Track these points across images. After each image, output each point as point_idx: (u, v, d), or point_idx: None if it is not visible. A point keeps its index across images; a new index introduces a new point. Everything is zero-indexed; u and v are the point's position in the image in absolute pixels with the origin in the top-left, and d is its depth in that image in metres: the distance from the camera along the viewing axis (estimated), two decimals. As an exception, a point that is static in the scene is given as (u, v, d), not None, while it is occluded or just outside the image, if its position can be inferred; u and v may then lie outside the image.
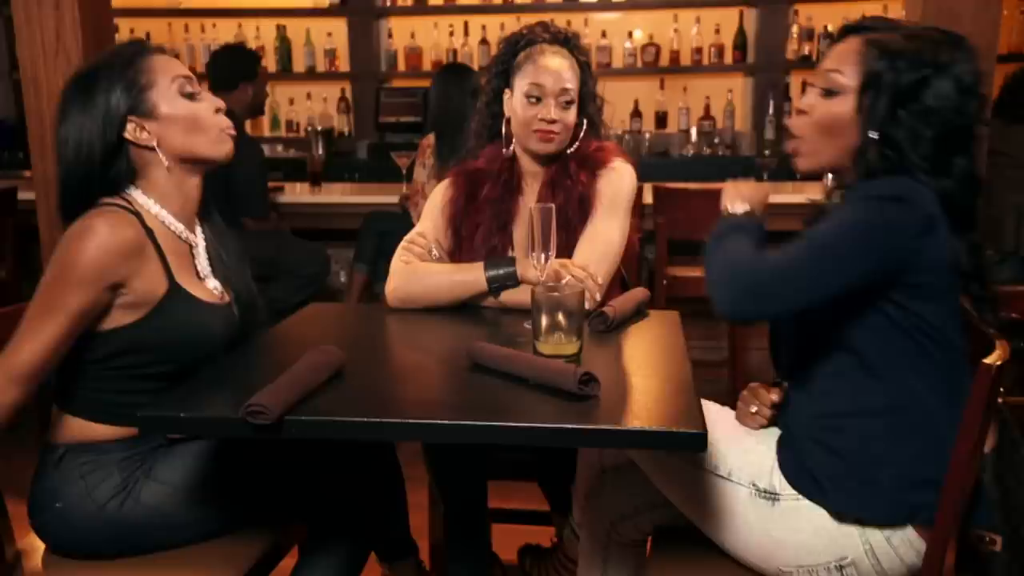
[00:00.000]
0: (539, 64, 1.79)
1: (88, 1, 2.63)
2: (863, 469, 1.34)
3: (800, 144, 1.43)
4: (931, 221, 1.29)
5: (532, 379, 1.31)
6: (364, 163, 5.11)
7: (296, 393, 1.21)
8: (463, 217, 1.87)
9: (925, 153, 1.32)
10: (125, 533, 1.44)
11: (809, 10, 5.15)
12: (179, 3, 5.43)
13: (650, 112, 5.35)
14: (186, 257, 1.52)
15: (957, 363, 1.34)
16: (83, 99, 1.44)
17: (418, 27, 5.38)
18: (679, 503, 1.46)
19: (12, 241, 3.21)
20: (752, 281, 1.28)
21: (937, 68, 1.31)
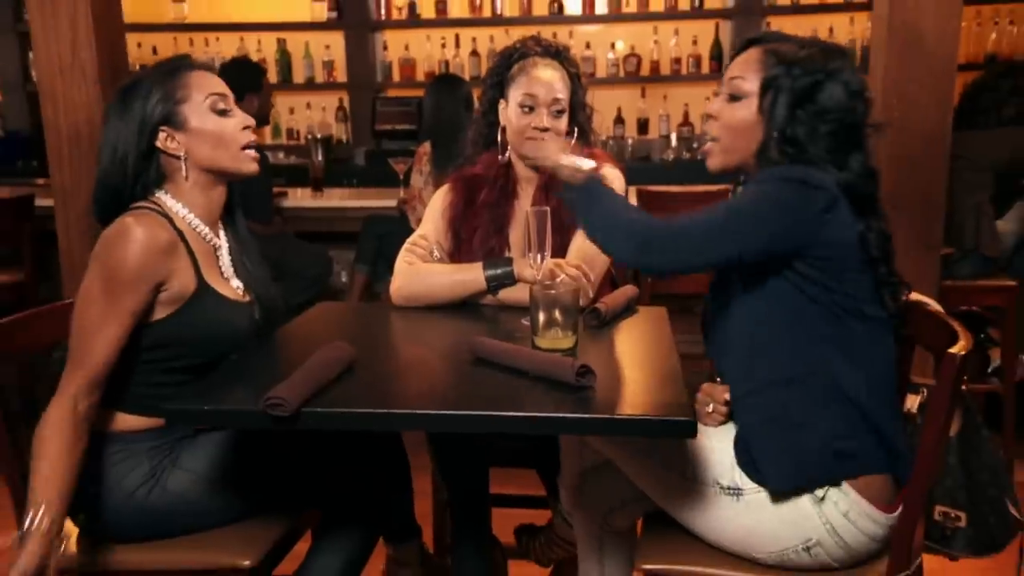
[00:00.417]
0: (532, 76, 1.82)
1: (102, 18, 2.64)
2: (785, 437, 1.37)
3: (713, 146, 1.48)
4: (832, 202, 1.34)
5: (531, 372, 1.34)
6: (361, 169, 5.11)
7: (311, 386, 1.24)
8: (462, 221, 1.89)
9: (823, 147, 1.38)
10: (152, 518, 1.46)
11: (780, 22, 5.19)
12: (184, 18, 5.42)
13: (632, 119, 5.39)
14: (211, 258, 1.54)
15: (871, 333, 1.38)
16: (123, 107, 1.47)
17: (412, 40, 5.39)
18: (657, 500, 1.48)
19: (30, 245, 3.20)
20: (649, 236, 1.33)
21: (828, 74, 1.39)
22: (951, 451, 1.44)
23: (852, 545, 1.38)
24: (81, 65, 2.62)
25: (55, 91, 2.64)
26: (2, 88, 5.47)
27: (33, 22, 2.62)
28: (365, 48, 5.36)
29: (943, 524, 1.45)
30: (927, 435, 1.26)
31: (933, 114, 2.44)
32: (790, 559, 1.39)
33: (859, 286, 1.38)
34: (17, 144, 5.30)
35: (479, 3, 5.31)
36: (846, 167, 1.38)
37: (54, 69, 2.63)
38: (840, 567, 1.39)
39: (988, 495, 1.44)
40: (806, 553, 1.38)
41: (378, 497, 1.62)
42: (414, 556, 1.79)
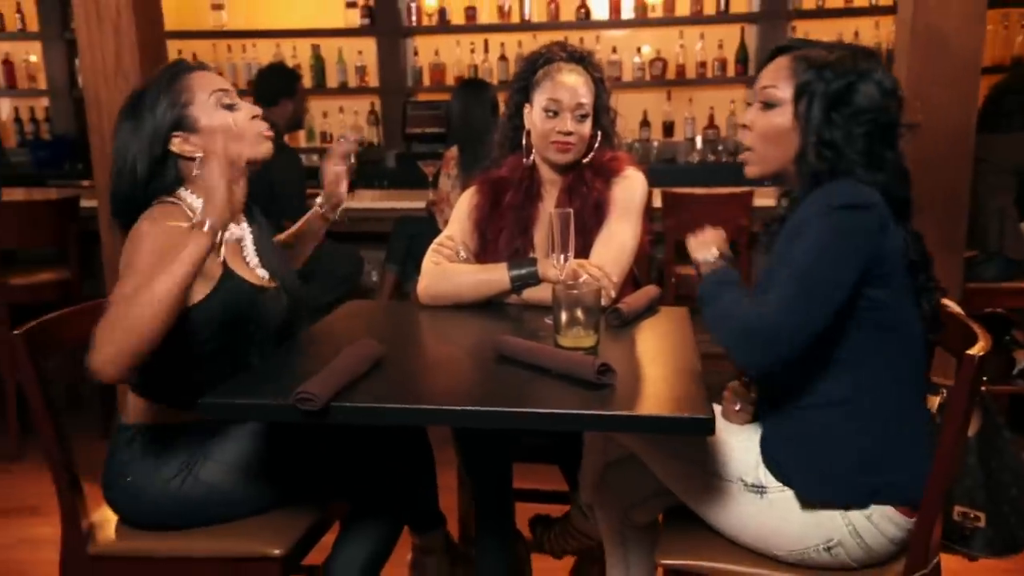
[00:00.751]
0: (556, 80, 1.82)
1: (144, 26, 2.69)
2: (823, 456, 1.36)
3: (749, 155, 1.47)
4: (886, 219, 1.33)
5: (554, 369, 1.34)
6: (392, 171, 5.15)
7: (340, 382, 1.25)
8: (488, 222, 1.90)
9: (859, 149, 1.36)
10: (187, 507, 1.48)
11: (806, 26, 5.15)
12: (223, 26, 5.49)
13: (658, 122, 5.37)
14: (235, 246, 1.57)
15: (913, 349, 1.37)
16: (132, 119, 1.49)
17: (442, 45, 5.42)
18: (679, 495, 1.48)
19: (75, 245, 3.26)
20: (765, 333, 1.29)
21: (860, 75, 1.37)
22: (970, 452, 1.42)
23: (873, 547, 1.37)
24: (124, 71, 2.67)
25: (99, 96, 2.70)
26: (50, 93, 5.59)
27: (79, 30, 2.68)
28: (396, 53, 5.39)
29: (962, 524, 1.43)
30: (945, 436, 1.25)
31: (956, 116, 2.41)
32: (810, 558, 1.38)
33: (900, 297, 1.37)
34: (64, 147, 5.41)
35: (507, 9, 5.32)
36: (883, 168, 1.36)
37: (99, 75, 2.69)
38: (858, 567, 1.38)
39: (1009, 496, 1.42)
40: (827, 553, 1.37)
41: (403, 489, 1.64)
42: (439, 544, 1.81)
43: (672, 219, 3.37)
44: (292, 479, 1.56)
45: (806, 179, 1.40)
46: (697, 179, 4.42)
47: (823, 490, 1.36)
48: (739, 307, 1.33)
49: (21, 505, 2.79)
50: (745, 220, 3.32)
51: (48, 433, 1.43)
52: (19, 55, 5.65)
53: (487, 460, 1.81)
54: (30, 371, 1.39)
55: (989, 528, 1.42)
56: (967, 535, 1.44)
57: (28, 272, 3.32)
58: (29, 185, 4.47)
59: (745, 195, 3.35)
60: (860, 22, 5.05)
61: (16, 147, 5.66)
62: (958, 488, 1.42)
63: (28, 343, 1.40)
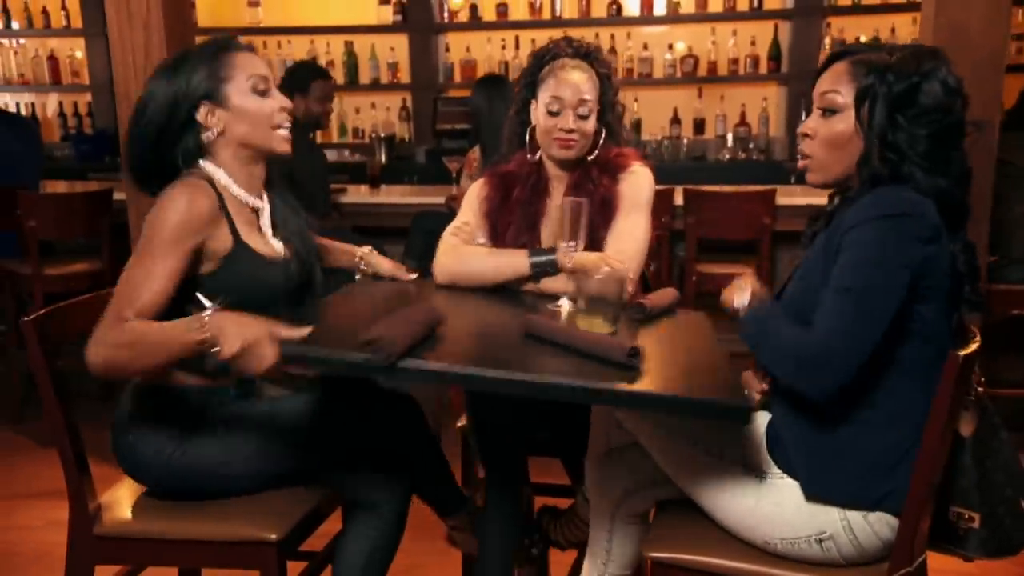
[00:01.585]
0: (560, 78, 1.83)
1: (173, 23, 2.76)
2: (836, 454, 1.36)
3: (810, 163, 1.47)
4: (935, 230, 1.31)
5: (583, 350, 1.36)
6: (422, 166, 5.20)
7: (413, 336, 1.28)
8: (497, 214, 1.91)
9: (923, 151, 1.34)
10: (185, 476, 1.52)
11: (841, 22, 5.08)
12: (259, 22, 5.60)
13: (688, 119, 5.34)
14: (250, 217, 1.60)
15: (942, 360, 1.33)
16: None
17: (473, 41, 5.46)
18: (676, 478, 1.49)
19: (108, 236, 3.37)
20: (823, 360, 1.30)
21: (923, 75, 1.35)
22: (966, 452, 1.41)
23: (864, 545, 1.36)
24: (153, 67, 2.73)
25: (129, 92, 2.78)
26: (93, 89, 5.75)
27: (111, 27, 2.76)
28: (428, 50, 5.44)
29: (956, 524, 1.42)
30: (929, 435, 1.24)
31: (978, 114, 2.37)
32: (800, 549, 1.38)
33: (941, 311, 1.36)
34: (105, 141, 5.57)
35: (539, 5, 5.34)
36: (944, 170, 1.35)
37: (129, 71, 2.77)
38: (845, 564, 1.38)
39: (1003, 496, 1.40)
40: (818, 545, 1.37)
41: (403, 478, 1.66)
42: (467, 522, 1.87)
43: (693, 216, 3.35)
44: (284, 461, 1.58)
45: (866, 183, 1.39)
46: (728, 177, 4.40)
47: (827, 488, 1.36)
48: (790, 339, 1.34)
49: (51, 488, 2.88)
50: (768, 219, 3.30)
51: (55, 415, 1.49)
52: (64, 51, 5.82)
53: (502, 448, 1.84)
54: (39, 355, 1.45)
55: (983, 529, 1.40)
56: (962, 536, 1.42)
57: (63, 262, 3.44)
58: (71, 178, 4.61)
59: (768, 193, 3.33)
60: (897, 18, 4.96)
61: (60, 141, 5.84)
62: (954, 488, 1.41)
63: (39, 330, 1.46)
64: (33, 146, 3.90)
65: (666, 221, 3.37)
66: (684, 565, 1.42)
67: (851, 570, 1.38)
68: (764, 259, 3.32)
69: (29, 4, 5.68)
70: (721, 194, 3.40)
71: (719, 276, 3.38)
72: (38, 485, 2.93)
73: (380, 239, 3.71)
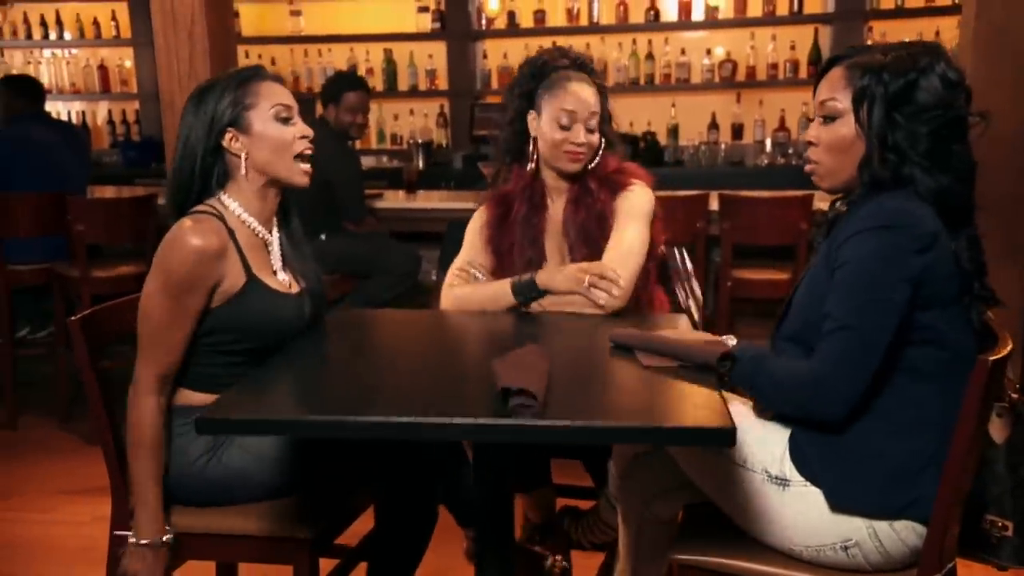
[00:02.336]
0: (569, 91, 1.84)
1: (217, 33, 2.84)
2: (857, 463, 1.35)
3: (816, 168, 1.47)
4: (931, 238, 1.31)
5: (677, 354, 1.38)
6: (458, 172, 5.25)
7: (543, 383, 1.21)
8: (499, 238, 1.93)
9: (924, 150, 1.34)
10: (210, 487, 1.57)
11: (883, 26, 5.02)
12: (301, 31, 5.71)
13: (727, 124, 5.31)
14: (262, 252, 1.65)
15: (961, 364, 1.33)
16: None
17: (510, 48, 5.49)
18: (702, 486, 1.50)
19: (153, 240, 3.45)
20: (827, 389, 1.32)
21: (920, 71, 1.35)
22: (999, 459, 1.40)
23: (891, 552, 1.36)
24: (197, 76, 2.83)
25: (174, 100, 2.86)
26: (140, 97, 5.91)
27: (156, 37, 2.85)
28: (466, 57, 5.50)
29: (990, 533, 1.41)
30: (957, 441, 1.23)
31: (1019, 119, 2.34)
32: (826, 556, 1.38)
33: (951, 315, 1.36)
34: (152, 148, 5.71)
35: (576, 12, 5.36)
36: (946, 166, 1.34)
37: (173, 79, 2.86)
38: (872, 570, 1.37)
39: (1038, 506, 1.39)
40: (843, 552, 1.37)
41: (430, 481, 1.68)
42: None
43: (729, 222, 3.34)
44: (313, 469, 1.62)
45: (867, 185, 1.39)
46: (766, 182, 4.36)
47: (851, 497, 1.36)
48: (789, 376, 1.36)
49: (98, 485, 2.94)
50: (805, 224, 3.27)
51: (99, 412, 1.55)
52: (113, 61, 6.00)
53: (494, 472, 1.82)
54: (84, 354, 1.52)
55: (1016, 537, 1.39)
56: (995, 544, 1.41)
57: (110, 265, 3.54)
58: (118, 183, 4.75)
59: (805, 198, 3.30)
60: (942, 21, 4.88)
61: (109, 148, 6.01)
62: (987, 496, 1.40)
63: (84, 329, 1.52)
64: (82, 154, 4.03)
65: (701, 227, 3.36)
66: (710, 568, 1.42)
67: (877, 575, 1.37)
68: (800, 264, 3.29)
69: (80, 16, 5.87)
70: (757, 199, 3.38)
71: (755, 282, 3.37)
72: (84, 481, 3.02)
73: (418, 244, 3.76)
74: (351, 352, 1.67)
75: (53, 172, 3.70)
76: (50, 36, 5.91)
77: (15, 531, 2.69)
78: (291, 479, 1.60)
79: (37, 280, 3.59)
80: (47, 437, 3.42)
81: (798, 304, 1.47)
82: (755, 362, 1.39)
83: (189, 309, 1.51)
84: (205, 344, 1.57)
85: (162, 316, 1.50)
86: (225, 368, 1.58)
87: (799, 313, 1.45)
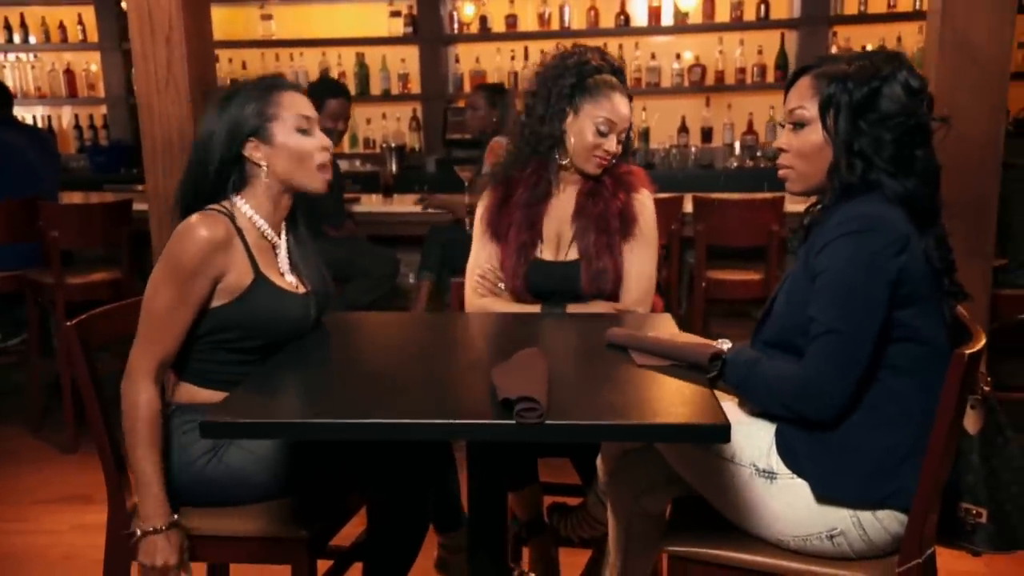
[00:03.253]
0: (614, 102, 1.90)
1: (194, 39, 2.82)
2: (841, 456, 1.40)
3: (789, 172, 1.53)
4: (904, 240, 1.36)
5: (670, 354, 1.43)
6: (432, 176, 5.27)
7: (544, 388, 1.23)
8: (498, 220, 1.98)
9: (888, 156, 1.40)
10: (210, 487, 1.58)
11: (847, 31, 5.14)
12: (272, 35, 5.68)
13: (696, 127, 5.40)
14: (270, 254, 1.67)
15: (937, 358, 1.38)
16: (220, 113, 1.61)
17: (482, 52, 5.53)
18: (690, 481, 1.54)
19: (128, 246, 3.43)
20: (816, 392, 1.37)
21: (883, 79, 1.40)
22: (973, 449, 1.46)
23: (875, 540, 1.41)
24: (175, 81, 2.81)
25: (151, 104, 2.84)
26: (108, 101, 5.84)
27: (134, 42, 2.83)
28: (438, 61, 5.52)
29: (965, 520, 1.47)
30: (936, 433, 1.29)
31: (984, 123, 2.43)
32: (813, 545, 1.43)
33: (928, 312, 1.41)
34: (120, 153, 5.66)
35: (547, 17, 5.41)
36: (910, 170, 1.40)
37: (151, 85, 2.83)
38: (856, 557, 1.43)
39: (1010, 493, 1.45)
40: (829, 541, 1.42)
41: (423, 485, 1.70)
42: (463, 542, 1.85)
43: (703, 223, 3.41)
44: (311, 470, 1.64)
45: (836, 191, 1.44)
46: (735, 184, 4.45)
47: (836, 488, 1.41)
48: (780, 379, 1.40)
49: (75, 494, 2.95)
50: (776, 225, 3.35)
51: (96, 418, 1.55)
52: (80, 65, 5.92)
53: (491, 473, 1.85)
54: (81, 359, 1.52)
55: (991, 524, 1.45)
56: (969, 530, 1.47)
57: (83, 272, 3.50)
58: (86, 189, 4.69)
59: (777, 200, 3.37)
60: (903, 27, 5.02)
61: (76, 152, 5.93)
62: (962, 484, 1.46)
63: (79, 334, 1.53)
64: (51, 158, 3.97)
65: (676, 228, 3.42)
66: (701, 559, 1.46)
67: (862, 563, 1.42)
68: (772, 266, 3.37)
69: (46, 19, 5.79)
70: (730, 201, 3.46)
71: (728, 282, 3.44)
72: (61, 490, 2.99)
73: (395, 247, 3.78)
74: (351, 354, 1.69)
75: (25, 177, 3.65)
76: (15, 39, 5.82)
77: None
78: (288, 480, 1.61)
79: (8, 288, 3.54)
80: (20, 447, 3.38)
81: (778, 309, 1.52)
82: (747, 366, 1.43)
83: (191, 297, 1.53)
84: (212, 342, 1.59)
85: (166, 302, 1.52)
86: (231, 366, 1.59)
87: (779, 318, 1.51)
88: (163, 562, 1.50)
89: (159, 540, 1.50)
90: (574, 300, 1.93)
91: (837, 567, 1.42)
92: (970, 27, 2.39)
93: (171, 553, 1.50)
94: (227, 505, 1.59)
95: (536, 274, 1.94)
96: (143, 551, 1.51)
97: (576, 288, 1.92)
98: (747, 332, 1.68)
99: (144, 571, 1.52)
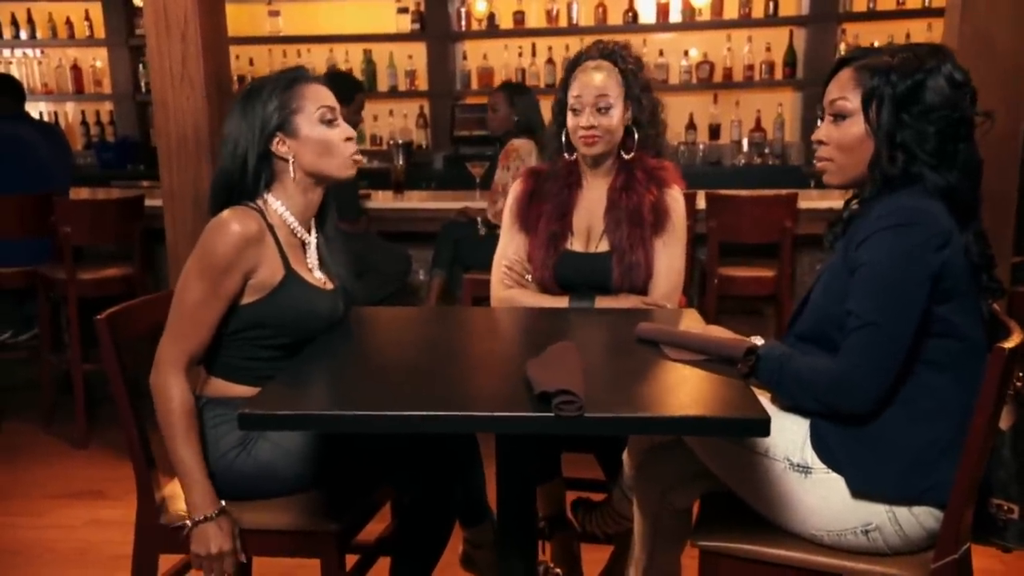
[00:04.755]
0: (579, 79, 1.91)
1: (209, 33, 2.81)
2: (878, 451, 1.40)
3: (827, 165, 1.52)
4: (947, 234, 1.36)
5: (703, 348, 1.42)
6: (439, 173, 5.27)
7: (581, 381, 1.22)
8: (528, 210, 1.99)
9: (931, 148, 1.39)
10: (239, 481, 1.58)
11: (856, 28, 5.13)
12: (279, 31, 5.67)
13: (704, 125, 5.39)
14: (299, 251, 1.67)
15: (974, 354, 1.38)
16: (245, 110, 1.61)
17: (490, 49, 5.52)
18: (722, 475, 1.53)
19: (140, 242, 3.42)
20: (850, 387, 1.37)
21: (927, 72, 1.40)
22: (1004, 444, 1.45)
23: (910, 535, 1.41)
24: (190, 76, 2.80)
25: (166, 100, 2.83)
26: (115, 97, 5.82)
27: (148, 37, 2.81)
28: (445, 57, 5.51)
29: (996, 516, 1.46)
30: (975, 428, 1.29)
31: (1003, 119, 2.40)
32: (847, 540, 1.42)
33: (966, 307, 1.41)
34: (128, 149, 5.65)
35: (555, 14, 5.40)
36: (952, 164, 1.39)
37: (166, 80, 2.82)
38: (891, 553, 1.42)
39: (1042, 489, 1.45)
40: (864, 536, 1.41)
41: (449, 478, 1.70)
42: (488, 537, 1.84)
43: (715, 220, 3.40)
44: (339, 464, 1.64)
45: (878, 183, 1.44)
46: (743, 181, 4.45)
47: (873, 483, 1.40)
48: (815, 374, 1.40)
49: (86, 489, 2.95)
50: (790, 222, 3.34)
51: (125, 411, 1.55)
52: (86, 61, 5.90)
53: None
54: (111, 353, 1.51)
55: (1022, 520, 1.44)
56: (1001, 527, 1.46)
57: (95, 267, 3.49)
58: (93, 185, 4.68)
59: (790, 197, 3.37)
60: (912, 24, 5.01)
61: (83, 149, 5.92)
62: (993, 480, 1.46)
63: (110, 327, 1.53)
64: (64, 153, 3.96)
65: (689, 225, 3.41)
66: (733, 554, 1.46)
67: (896, 558, 1.42)
68: (785, 262, 3.37)
69: (53, 15, 5.77)
70: (743, 198, 3.45)
71: (740, 279, 3.44)
72: (73, 485, 2.99)
73: (407, 243, 3.78)
74: (381, 348, 1.69)
75: (38, 172, 3.65)
76: (21, 35, 5.81)
77: (7, 537, 2.65)
78: (317, 474, 1.61)
79: (19, 283, 3.54)
80: (31, 442, 3.38)
81: (814, 302, 1.51)
82: (780, 360, 1.43)
83: (223, 291, 1.54)
84: (244, 338, 1.59)
85: (197, 296, 1.53)
86: (260, 361, 1.60)
87: (815, 311, 1.50)
88: (217, 549, 1.50)
89: (210, 528, 1.50)
90: (602, 293, 1.92)
91: (871, 562, 1.41)
92: (991, 23, 2.38)
93: (224, 539, 1.50)
94: (256, 498, 1.59)
95: (565, 266, 1.94)
96: (196, 540, 1.51)
97: (606, 281, 1.91)
98: (758, 329, 1.68)
99: (197, 561, 1.52)
